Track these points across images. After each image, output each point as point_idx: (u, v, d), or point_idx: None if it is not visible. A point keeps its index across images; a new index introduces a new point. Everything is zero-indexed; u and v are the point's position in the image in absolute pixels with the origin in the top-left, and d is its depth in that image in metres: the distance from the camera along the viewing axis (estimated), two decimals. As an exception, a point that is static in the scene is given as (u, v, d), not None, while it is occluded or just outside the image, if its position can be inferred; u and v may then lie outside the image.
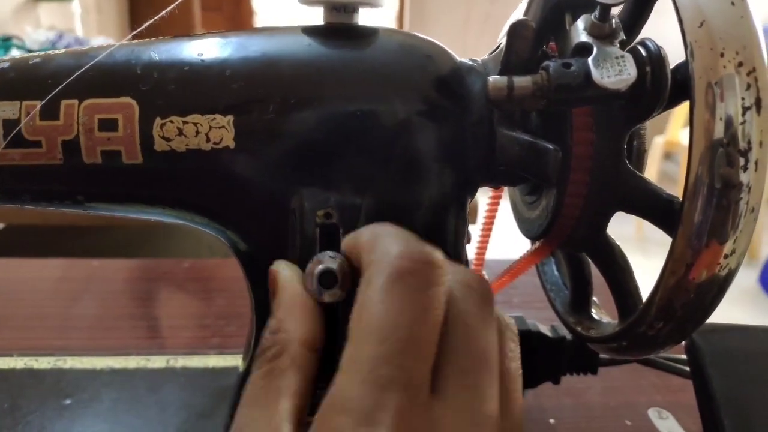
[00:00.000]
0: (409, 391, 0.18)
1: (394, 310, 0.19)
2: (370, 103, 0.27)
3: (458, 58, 0.29)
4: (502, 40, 0.30)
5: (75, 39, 2.11)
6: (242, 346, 0.50)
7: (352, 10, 0.28)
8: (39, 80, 0.27)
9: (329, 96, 0.26)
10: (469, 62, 0.29)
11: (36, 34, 2.03)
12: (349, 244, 0.24)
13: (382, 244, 0.21)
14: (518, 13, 0.31)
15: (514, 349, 0.23)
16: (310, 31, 0.28)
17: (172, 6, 0.27)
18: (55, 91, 0.26)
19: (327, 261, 0.24)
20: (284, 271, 0.25)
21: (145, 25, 0.26)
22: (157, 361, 0.48)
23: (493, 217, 0.39)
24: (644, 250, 2.13)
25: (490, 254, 0.41)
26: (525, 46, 0.25)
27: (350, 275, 0.24)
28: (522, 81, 0.23)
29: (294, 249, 0.27)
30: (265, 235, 0.28)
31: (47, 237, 1.12)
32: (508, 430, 0.21)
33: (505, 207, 0.37)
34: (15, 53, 1.85)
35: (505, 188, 0.38)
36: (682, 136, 2.64)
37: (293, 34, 0.28)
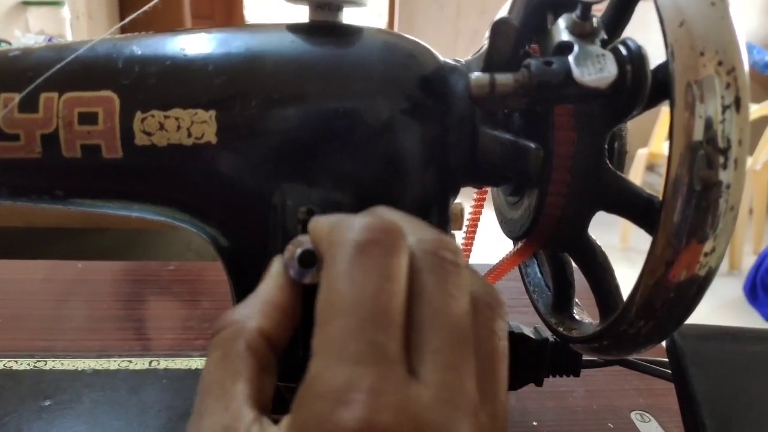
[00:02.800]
0: (382, 366, 0.18)
1: (358, 283, 0.19)
2: (353, 101, 0.27)
3: (442, 58, 0.29)
4: (486, 42, 0.30)
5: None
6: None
7: (337, 8, 0.28)
8: (18, 72, 0.27)
9: (312, 93, 0.26)
10: (453, 62, 0.29)
11: (24, 39, 2.02)
12: (312, 235, 0.23)
13: (341, 224, 0.21)
14: (502, 15, 0.31)
15: (503, 327, 0.22)
16: (294, 28, 0.28)
17: (154, 2, 0.27)
18: (34, 84, 0.26)
19: (306, 243, 0.23)
20: (276, 264, 0.24)
21: (131, 17, 0.26)
22: (140, 363, 0.48)
23: (478, 218, 0.39)
24: (629, 260, 2.14)
25: (475, 259, 0.41)
26: (507, 44, 0.25)
27: None
28: (504, 78, 0.23)
29: (276, 244, 0.27)
30: (246, 230, 0.27)
31: (31, 240, 1.11)
32: (491, 414, 0.19)
33: (489, 212, 0.37)
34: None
35: (489, 192, 0.38)
36: (666, 148, 2.66)
37: (277, 31, 0.28)
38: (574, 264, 0.32)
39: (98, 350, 0.50)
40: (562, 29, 0.24)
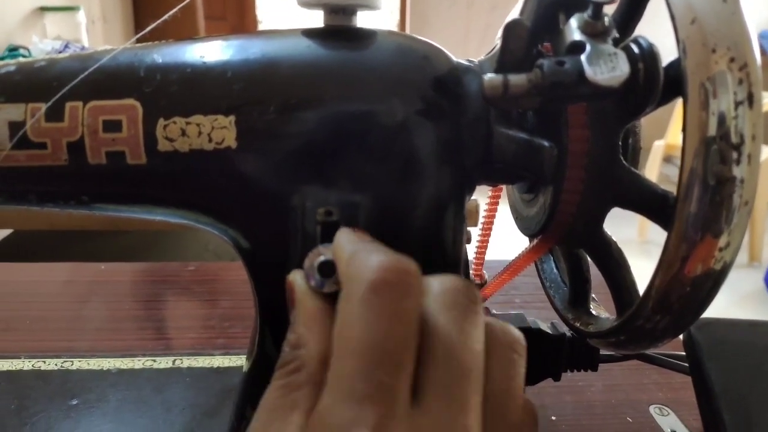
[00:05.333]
0: (386, 405, 0.18)
1: (370, 323, 0.19)
2: (369, 103, 0.27)
3: (455, 59, 0.29)
4: (498, 41, 0.30)
5: (81, 48, 2.13)
6: (246, 347, 0.51)
7: (351, 12, 0.29)
8: (44, 83, 0.27)
9: (328, 96, 0.27)
10: (466, 63, 0.29)
11: (42, 44, 2.04)
12: (334, 254, 0.24)
13: (359, 258, 0.21)
14: (514, 15, 0.31)
15: (519, 367, 0.22)
16: (310, 33, 0.29)
17: (174, 10, 0.28)
18: (60, 94, 0.26)
19: (326, 252, 0.24)
20: (301, 282, 0.24)
21: (150, 28, 0.27)
22: (163, 362, 0.49)
23: (493, 216, 0.39)
24: (647, 253, 2.12)
25: (490, 255, 0.41)
26: (520, 45, 0.25)
27: None
28: (517, 79, 0.24)
29: (296, 246, 0.27)
30: (266, 233, 0.28)
31: (53, 242, 1.13)
32: None
33: (504, 209, 0.37)
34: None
35: (504, 188, 0.38)
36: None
37: (293, 36, 0.29)
38: (590, 259, 0.32)
39: (122, 350, 0.51)
40: (574, 29, 0.24)
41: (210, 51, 0.28)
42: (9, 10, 2.17)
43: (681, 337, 0.37)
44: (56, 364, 0.48)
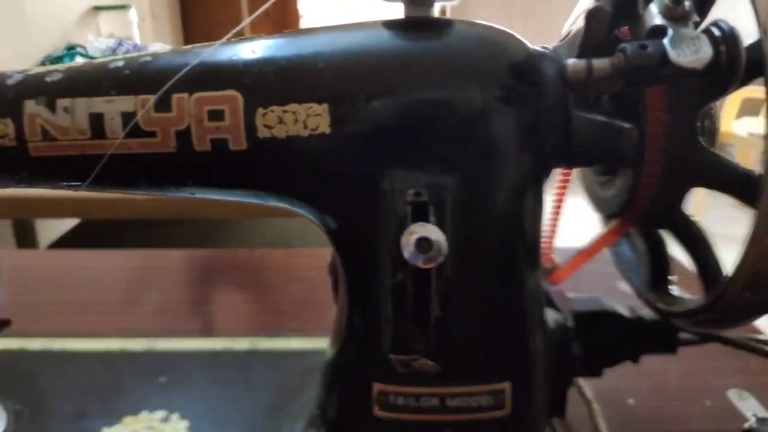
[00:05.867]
0: None
1: None
2: (450, 90, 0.28)
3: (531, 46, 0.30)
4: (571, 27, 0.31)
5: (134, 46, 2.20)
6: (319, 330, 0.53)
7: (430, 3, 0.30)
8: (150, 76, 0.30)
9: (413, 84, 0.29)
10: (542, 49, 0.30)
11: (97, 42, 2.13)
12: None
13: None
14: (586, 0, 0.32)
15: None
16: (391, 24, 0.30)
17: (268, 4, 0.30)
18: (167, 85, 0.29)
19: (420, 230, 0.26)
20: None
21: (248, 20, 0.28)
22: (242, 343, 0.51)
23: (562, 200, 0.40)
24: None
25: (559, 241, 0.42)
26: (601, 31, 0.26)
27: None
28: (600, 63, 0.25)
29: (385, 226, 0.29)
30: (356, 214, 0.30)
31: (117, 231, 1.18)
32: None
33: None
34: (79, 60, 1.95)
35: (574, 172, 0.39)
36: (737, 127, 2.55)
37: (376, 28, 0.30)
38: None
39: (202, 331, 0.54)
40: (654, 14, 0.25)
41: (301, 44, 0.30)
42: (65, 10, 2.27)
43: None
44: (142, 344, 0.51)
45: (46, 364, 0.49)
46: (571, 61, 0.25)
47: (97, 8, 2.48)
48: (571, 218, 0.39)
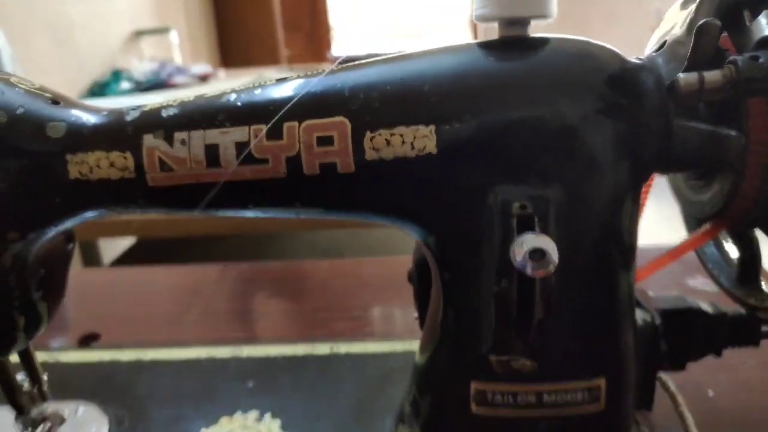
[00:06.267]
0: None
1: None
2: (552, 105, 0.29)
3: (628, 58, 0.31)
4: (665, 38, 0.32)
5: (176, 68, 2.24)
6: (391, 335, 0.54)
7: (525, 23, 0.31)
8: (261, 107, 0.31)
9: (515, 101, 0.30)
10: (638, 61, 0.31)
11: (141, 66, 2.18)
12: None
13: None
14: (674, 11, 0.33)
15: None
16: (489, 45, 0.31)
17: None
18: (278, 116, 0.30)
19: (531, 241, 0.27)
20: None
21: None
22: (322, 348, 0.53)
23: (644, 203, 0.41)
24: None
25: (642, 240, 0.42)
26: (711, 44, 0.27)
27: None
28: (712, 75, 0.25)
29: (490, 238, 0.30)
30: (461, 228, 0.31)
31: (172, 247, 1.21)
32: None
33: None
34: (125, 85, 2.00)
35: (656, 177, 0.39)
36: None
37: (475, 50, 0.31)
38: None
39: (283, 338, 0.56)
40: (764, 25, 0.25)
41: (404, 69, 0.31)
42: (110, 36, 2.32)
43: None
44: (229, 352, 0.54)
45: (139, 373, 0.51)
46: (684, 75, 0.26)
47: (140, 32, 2.54)
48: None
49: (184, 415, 0.46)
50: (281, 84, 0.32)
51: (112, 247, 1.30)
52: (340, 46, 4.17)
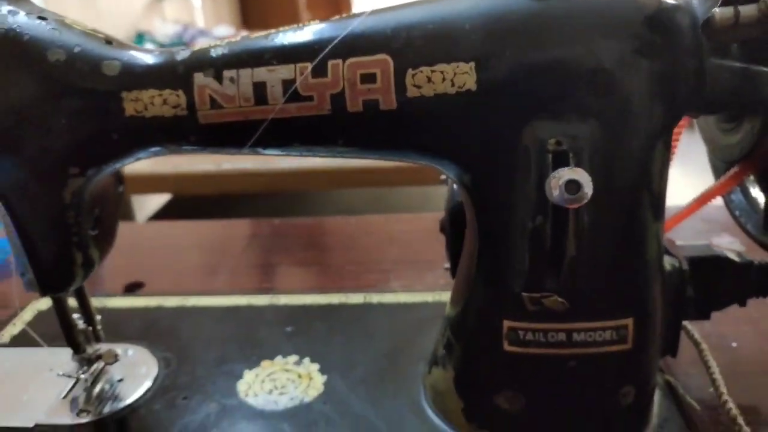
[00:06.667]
0: None
1: None
2: (589, 43, 0.30)
3: (664, -1, 0.32)
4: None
5: (198, 30, 2.27)
6: (421, 287, 0.56)
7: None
8: (307, 46, 0.33)
9: (553, 39, 0.30)
10: (675, 1, 0.32)
11: (164, 28, 2.20)
12: None
13: None
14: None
15: None
16: (530, -14, 0.32)
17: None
18: (323, 53, 0.32)
19: (567, 174, 0.28)
20: None
21: None
22: (355, 298, 0.55)
23: (673, 152, 0.42)
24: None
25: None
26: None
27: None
28: (748, 10, 0.26)
29: (526, 174, 0.31)
30: (498, 165, 0.32)
31: (206, 205, 1.24)
32: None
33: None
34: (149, 47, 2.02)
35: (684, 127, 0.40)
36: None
37: (514, -9, 0.32)
38: None
39: (318, 288, 0.58)
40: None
41: (445, 9, 0.32)
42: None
43: None
44: (267, 300, 0.56)
45: (183, 318, 0.54)
46: (719, 9, 0.26)
47: (162, -5, 2.56)
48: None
49: (227, 358, 0.48)
50: (326, 24, 0.33)
51: (144, 204, 1.34)
52: (361, 9, 4.14)
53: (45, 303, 0.56)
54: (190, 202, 1.25)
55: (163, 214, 1.26)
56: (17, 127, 0.34)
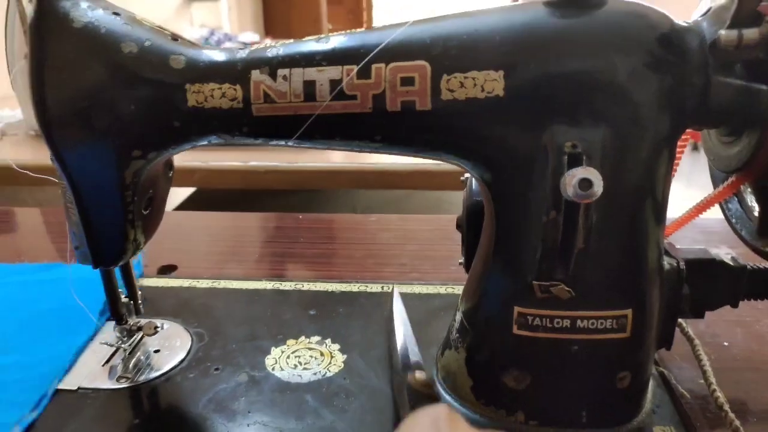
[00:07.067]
0: None
1: None
2: (606, 58, 0.34)
3: (676, 20, 0.35)
4: (711, 4, 0.36)
5: (224, 35, 2.32)
6: (435, 280, 0.60)
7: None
8: (353, 50, 0.37)
9: (574, 53, 0.34)
10: (686, 23, 0.36)
11: (192, 32, 2.26)
12: None
13: None
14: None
15: None
16: (553, 4, 0.36)
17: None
18: (369, 57, 0.36)
19: (580, 172, 0.32)
20: None
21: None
22: (374, 287, 0.59)
23: (677, 164, 0.45)
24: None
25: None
26: (752, 7, 0.31)
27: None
28: (750, 33, 0.30)
29: (543, 173, 0.35)
30: (518, 164, 0.36)
31: (228, 199, 1.29)
32: None
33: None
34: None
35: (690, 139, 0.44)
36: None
37: (540, 8, 0.36)
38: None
39: (338, 277, 0.62)
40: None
41: (478, 22, 0.36)
42: (163, 3, 2.41)
43: None
44: (291, 285, 0.60)
45: (214, 298, 0.58)
46: (724, 31, 0.30)
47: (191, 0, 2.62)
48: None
49: (256, 335, 0.52)
50: (371, 32, 0.37)
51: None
52: (381, 20, 4.22)
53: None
54: (208, 197, 1.29)
55: (186, 206, 1.30)
56: (89, 109, 0.38)
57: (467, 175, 0.47)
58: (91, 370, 0.48)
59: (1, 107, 1.30)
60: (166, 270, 0.64)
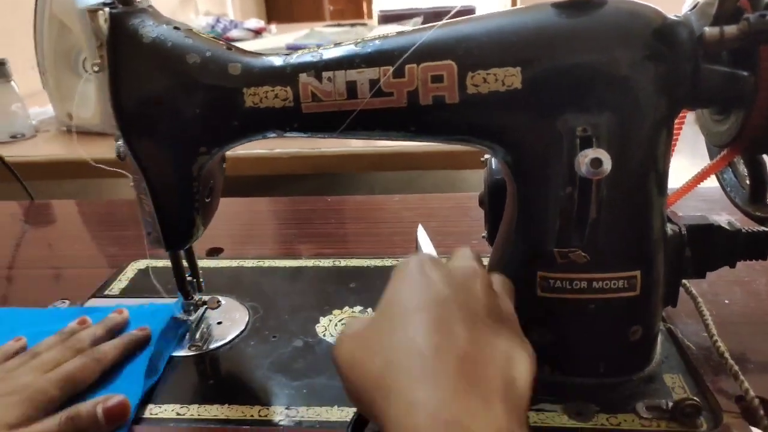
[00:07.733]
0: None
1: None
2: (610, 52, 0.39)
3: (668, 15, 0.40)
4: (698, 1, 0.41)
5: (230, 22, 2.36)
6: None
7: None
8: (388, 53, 0.42)
9: (584, 49, 0.39)
10: (676, 17, 0.41)
11: (198, 20, 2.30)
12: None
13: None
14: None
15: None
16: (561, 5, 0.41)
17: None
18: (402, 59, 0.41)
19: (591, 153, 0.37)
20: None
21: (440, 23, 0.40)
22: (389, 262, 0.65)
23: (676, 140, 0.50)
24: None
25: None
26: (732, 6, 0.36)
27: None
28: (730, 29, 0.35)
29: (559, 154, 0.40)
30: (536, 147, 0.42)
31: (253, 185, 1.34)
32: None
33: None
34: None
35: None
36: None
37: (549, 9, 0.41)
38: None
39: (371, 253, 0.68)
40: (773, -8, 0.35)
41: (496, 24, 0.41)
42: (168, -8, 2.44)
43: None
44: (329, 262, 0.66)
45: (262, 276, 0.64)
46: (708, 28, 0.35)
47: (195, -13, 2.66)
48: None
49: (304, 307, 0.58)
50: (403, 36, 0.43)
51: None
52: (381, 2, 4.23)
53: (143, 263, 0.66)
54: (236, 184, 1.35)
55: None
56: (160, 113, 0.44)
57: (487, 156, 0.53)
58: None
59: (30, 105, 1.36)
60: (214, 252, 0.70)
